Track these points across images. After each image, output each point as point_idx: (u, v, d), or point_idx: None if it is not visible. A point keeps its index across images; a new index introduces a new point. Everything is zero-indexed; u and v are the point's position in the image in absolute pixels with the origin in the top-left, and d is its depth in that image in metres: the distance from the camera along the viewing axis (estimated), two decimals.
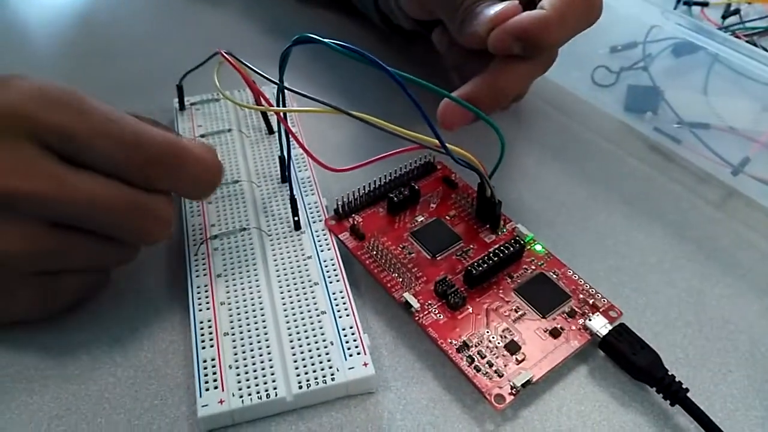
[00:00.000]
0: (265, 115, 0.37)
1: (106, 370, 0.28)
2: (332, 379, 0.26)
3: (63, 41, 0.48)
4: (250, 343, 0.27)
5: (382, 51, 0.45)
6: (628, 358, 0.27)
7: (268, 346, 0.27)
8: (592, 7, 0.32)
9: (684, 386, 0.26)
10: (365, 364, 0.27)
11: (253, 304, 0.29)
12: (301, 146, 0.31)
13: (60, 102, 0.25)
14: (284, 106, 0.30)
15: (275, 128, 0.37)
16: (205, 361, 0.27)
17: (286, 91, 0.30)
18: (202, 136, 0.37)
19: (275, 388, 0.26)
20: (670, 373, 0.27)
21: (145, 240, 0.28)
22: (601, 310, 0.29)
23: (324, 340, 0.27)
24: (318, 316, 0.28)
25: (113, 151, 0.25)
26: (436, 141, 0.28)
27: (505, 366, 0.27)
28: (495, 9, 0.31)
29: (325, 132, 0.39)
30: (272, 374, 0.26)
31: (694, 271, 0.32)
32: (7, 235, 0.25)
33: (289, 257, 0.31)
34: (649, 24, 0.40)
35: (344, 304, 0.29)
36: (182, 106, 0.39)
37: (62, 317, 0.30)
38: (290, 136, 0.30)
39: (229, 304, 0.29)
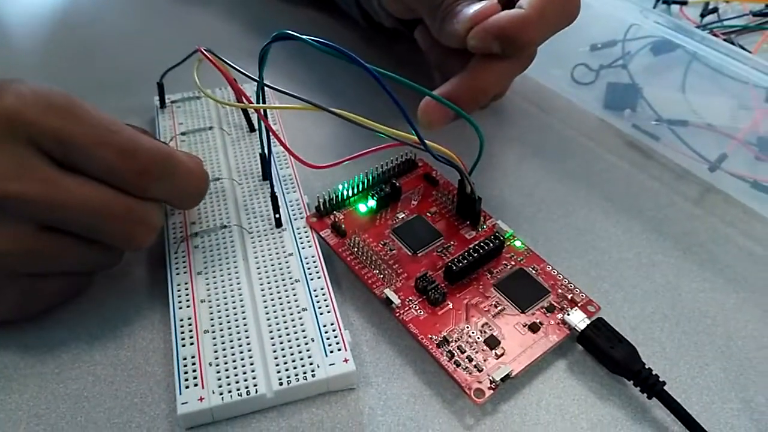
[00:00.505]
0: (246, 112, 0.37)
1: (86, 368, 0.28)
2: (313, 376, 0.26)
3: (44, 38, 0.48)
4: (231, 341, 0.27)
5: (365, 49, 0.45)
6: (606, 352, 0.28)
7: (248, 343, 0.27)
8: (571, 5, 0.33)
9: (661, 379, 0.27)
10: (346, 360, 0.27)
11: (233, 302, 0.29)
12: (282, 144, 0.31)
13: (59, 108, 0.25)
14: (264, 103, 0.30)
15: (256, 126, 0.37)
16: (185, 359, 0.27)
17: (267, 88, 0.30)
18: (183, 133, 0.37)
19: (255, 385, 0.26)
20: (647, 367, 0.27)
21: (132, 245, 0.28)
22: (579, 304, 0.29)
23: (305, 337, 0.27)
24: (299, 312, 0.28)
25: (110, 158, 0.26)
26: (416, 138, 0.28)
27: (485, 361, 0.27)
28: (474, 8, 0.31)
29: (307, 129, 0.39)
30: (252, 371, 0.26)
31: (671, 266, 0.33)
32: (2, 238, 0.25)
33: (270, 254, 0.31)
34: (629, 22, 0.40)
35: (325, 300, 0.29)
36: (163, 104, 0.38)
37: (42, 315, 0.30)
38: (271, 133, 0.30)
39: (210, 301, 0.29)
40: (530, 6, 0.31)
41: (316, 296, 0.29)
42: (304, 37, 0.26)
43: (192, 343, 0.27)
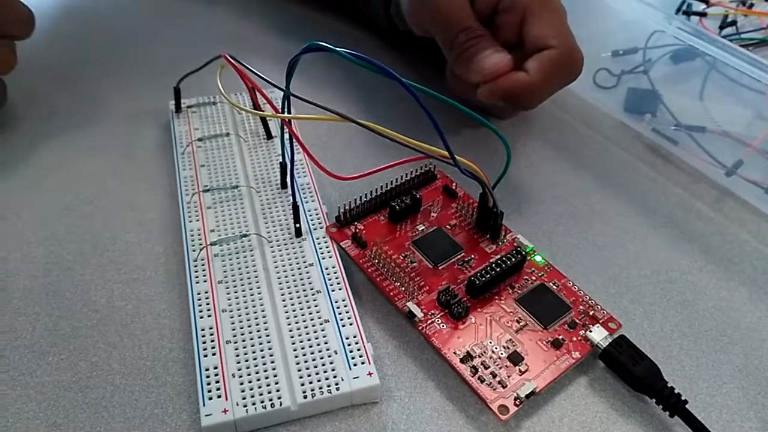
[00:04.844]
0: (264, 120, 0.37)
1: (104, 377, 0.28)
2: (337, 389, 0.26)
3: (61, 39, 0.47)
4: (253, 352, 0.27)
5: (381, 53, 0.45)
6: (629, 369, 0.28)
7: (271, 355, 0.27)
8: (573, 71, 0.35)
9: (683, 398, 0.27)
10: (370, 374, 0.27)
11: (255, 312, 0.29)
12: (308, 154, 0.30)
13: None
14: (290, 112, 0.30)
15: (274, 133, 0.37)
16: (207, 370, 0.26)
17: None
18: (200, 139, 0.36)
19: (279, 398, 0.26)
20: (669, 385, 0.27)
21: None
22: (600, 321, 0.29)
23: (328, 349, 0.27)
24: (321, 324, 0.28)
25: None
26: (442, 151, 0.28)
27: (509, 377, 0.27)
28: (488, 63, 0.34)
29: (321, 138, 0.39)
30: (276, 383, 0.26)
31: (688, 283, 0.33)
32: None
33: (290, 264, 0.31)
34: (652, 29, 0.41)
35: (347, 312, 0.29)
36: (179, 109, 0.38)
37: (57, 323, 0.29)
38: (295, 142, 0.30)
39: (231, 311, 0.29)
40: (536, 72, 0.33)
41: (338, 308, 0.29)
42: (337, 49, 0.26)
43: (214, 354, 0.27)
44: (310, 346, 0.27)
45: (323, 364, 0.27)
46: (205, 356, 0.27)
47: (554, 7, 0.35)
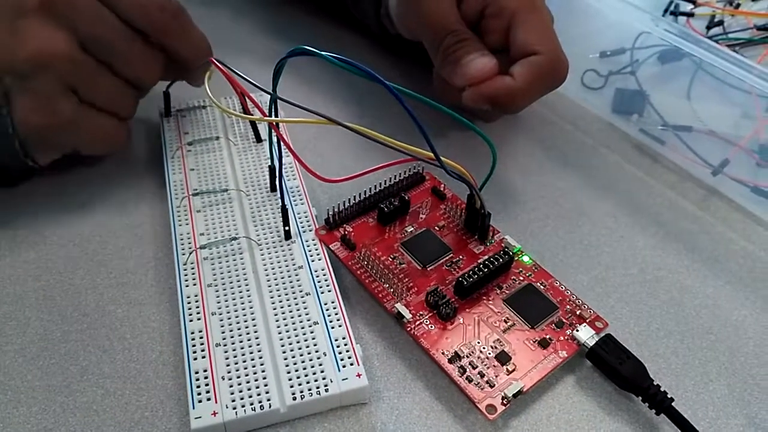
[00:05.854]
0: (254, 123, 0.37)
1: (95, 381, 0.28)
2: (326, 390, 0.26)
3: None
4: (243, 354, 0.27)
5: (372, 56, 0.45)
6: (615, 368, 0.28)
7: (260, 357, 0.27)
8: (558, 78, 0.35)
9: (669, 396, 0.27)
10: (358, 375, 0.27)
11: (244, 315, 0.29)
12: (296, 158, 0.31)
13: None
14: (277, 116, 0.30)
15: (263, 136, 0.37)
16: (197, 373, 0.27)
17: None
18: (190, 143, 0.36)
19: (269, 400, 0.26)
20: (655, 383, 0.27)
21: (144, 78, 0.33)
22: (587, 320, 0.29)
23: (317, 351, 0.28)
24: (310, 326, 0.28)
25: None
26: (429, 153, 0.28)
27: (496, 376, 0.27)
28: (474, 67, 0.34)
29: (311, 141, 0.40)
30: (265, 385, 0.26)
31: (675, 282, 0.33)
32: (58, 38, 0.30)
33: (279, 267, 0.31)
34: (639, 30, 0.41)
35: (336, 314, 0.29)
36: (168, 113, 0.38)
37: (48, 327, 0.29)
38: (283, 145, 0.30)
39: (221, 314, 0.29)
40: (520, 77, 0.34)
41: (327, 310, 0.29)
42: (323, 53, 0.26)
43: (204, 357, 0.27)
44: (299, 348, 0.28)
45: (312, 366, 0.27)
46: (195, 359, 0.27)
47: (541, 13, 0.36)
